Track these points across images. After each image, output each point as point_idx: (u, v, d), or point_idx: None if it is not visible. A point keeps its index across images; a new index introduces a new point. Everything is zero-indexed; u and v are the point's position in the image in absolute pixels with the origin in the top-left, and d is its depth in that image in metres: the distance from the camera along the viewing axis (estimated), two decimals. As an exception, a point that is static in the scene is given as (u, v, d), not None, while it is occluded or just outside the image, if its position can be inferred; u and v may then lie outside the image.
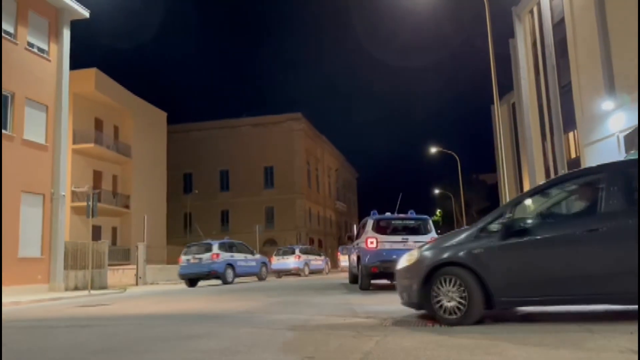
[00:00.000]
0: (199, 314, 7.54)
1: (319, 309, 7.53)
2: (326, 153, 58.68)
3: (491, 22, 15.90)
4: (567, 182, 6.12)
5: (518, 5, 34.00)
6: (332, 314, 6.82)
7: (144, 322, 6.74)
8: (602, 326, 4.78)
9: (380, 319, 5.92)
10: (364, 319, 6.06)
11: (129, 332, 5.77)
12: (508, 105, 45.10)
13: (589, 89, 25.60)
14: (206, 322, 6.37)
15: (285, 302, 9.06)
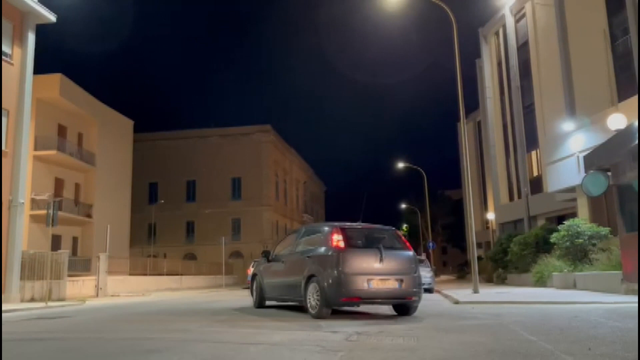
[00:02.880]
0: (159, 328, 7.36)
1: (282, 323, 7.46)
2: (294, 165, 58.67)
3: (458, 42, 16.31)
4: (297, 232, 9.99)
5: (484, 27, 35.02)
6: (296, 329, 6.77)
7: (101, 336, 6.54)
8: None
9: (346, 334, 5.91)
10: (329, 333, 6.04)
11: (83, 347, 5.59)
12: (474, 123, 46.19)
13: (551, 110, 26.47)
14: (168, 335, 6.23)
15: (244, 318, 8.95)
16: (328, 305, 7.84)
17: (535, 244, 20.06)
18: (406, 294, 8.03)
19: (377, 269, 7.89)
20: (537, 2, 28.16)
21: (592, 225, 16.56)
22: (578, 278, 14.65)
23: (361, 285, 7.71)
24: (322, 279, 7.83)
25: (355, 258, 7.90)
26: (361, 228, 8.85)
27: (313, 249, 8.52)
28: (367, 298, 7.82)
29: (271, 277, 9.87)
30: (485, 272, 25.77)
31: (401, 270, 8.09)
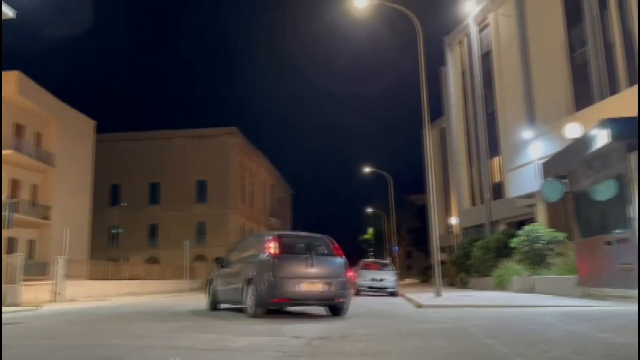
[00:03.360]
0: (116, 334, 7.17)
1: (245, 327, 7.39)
2: (261, 169, 58.39)
3: (424, 50, 16.57)
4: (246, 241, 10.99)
5: (449, 35, 35.73)
6: (259, 334, 6.71)
7: (54, 343, 6.33)
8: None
9: (308, 339, 5.89)
10: (290, 338, 6.01)
11: (34, 355, 5.39)
12: (439, 129, 46.98)
13: (512, 118, 27.19)
14: (126, 341, 6.07)
15: (205, 324, 8.82)
16: (261, 305, 8.73)
17: (497, 249, 20.55)
18: (334, 295, 8.89)
19: (307, 273, 8.74)
20: (499, 13, 28.92)
21: (549, 231, 17.08)
22: (537, 281, 15.07)
23: (291, 287, 8.59)
24: (258, 282, 8.71)
25: (287, 263, 8.77)
26: (297, 236, 9.98)
27: (254, 255, 9.42)
28: (296, 299, 8.76)
29: (222, 282, 10.66)
30: (449, 275, 26.22)
31: (330, 275, 8.90)
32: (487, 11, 30.33)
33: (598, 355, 4.49)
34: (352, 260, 12.99)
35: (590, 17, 21.62)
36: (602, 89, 20.76)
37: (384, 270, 21.16)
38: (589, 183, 12.20)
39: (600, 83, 20.97)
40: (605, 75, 20.90)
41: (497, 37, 29.53)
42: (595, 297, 11.41)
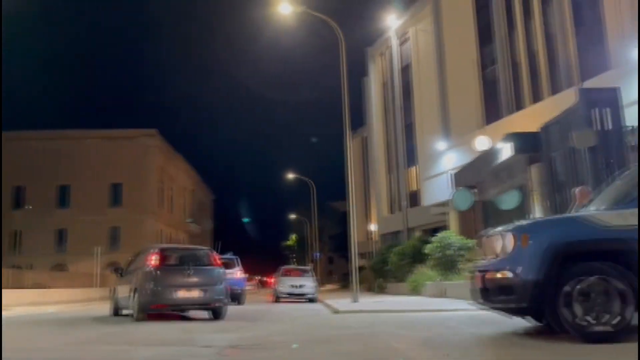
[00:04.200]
0: (16, 347, 6.62)
1: (153, 337, 7.09)
2: (182, 173, 56.74)
3: (346, 60, 16.89)
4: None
5: (372, 47, 36.76)
6: (168, 344, 6.46)
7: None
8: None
9: (219, 348, 5.76)
10: (201, 348, 5.85)
11: None
12: (361, 138, 48.08)
13: (428, 130, 28.39)
14: (28, 355, 5.61)
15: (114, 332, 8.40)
16: (143, 311, 9.69)
17: (412, 255, 21.25)
18: (210, 301, 9.94)
19: (184, 282, 9.83)
20: (419, 28, 30.18)
21: (461, 238, 17.92)
22: (448, 287, 15.74)
23: (169, 295, 9.66)
24: (140, 290, 9.69)
25: (165, 274, 9.85)
26: (178, 249, 11.61)
27: (140, 267, 10.41)
28: (174, 305, 9.95)
29: (120, 290, 11.47)
30: (367, 281, 26.78)
31: (206, 283, 9.97)
32: (407, 25, 31.53)
33: (502, 355, 4.74)
34: (273, 266, 13.26)
35: (500, 37, 23.09)
36: (509, 105, 22.21)
37: (304, 276, 21.24)
38: (495, 193, 12.99)
39: (507, 99, 22.42)
40: (512, 92, 22.39)
41: (416, 51, 30.78)
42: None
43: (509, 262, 4.98)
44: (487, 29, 24.01)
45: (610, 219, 4.88)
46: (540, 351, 4.77)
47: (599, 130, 9.01)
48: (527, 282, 4.77)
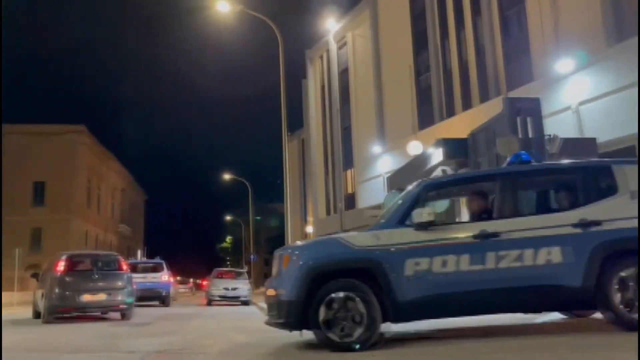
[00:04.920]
0: None
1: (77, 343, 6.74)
2: (112, 172, 54.52)
3: (285, 61, 16.85)
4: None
5: (311, 49, 36.95)
6: (92, 350, 6.16)
7: None
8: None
9: (143, 353, 5.54)
10: (125, 354, 5.61)
11: None
12: (299, 140, 48.19)
13: (365, 133, 28.88)
14: None
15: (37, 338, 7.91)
16: (50, 313, 10.38)
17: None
18: (115, 303, 10.80)
19: (89, 286, 10.62)
20: (356, 33, 30.66)
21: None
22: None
23: (74, 298, 10.38)
24: (48, 295, 10.39)
25: (71, 279, 10.60)
26: (87, 255, 12.33)
27: (49, 272, 11.03)
28: (79, 308, 10.57)
29: (37, 294, 11.80)
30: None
31: (111, 287, 10.79)
32: (345, 30, 31.94)
33: (445, 355, 4.82)
34: (209, 269, 13.49)
35: (434, 45, 23.88)
36: (441, 112, 22.99)
37: (238, 279, 20.99)
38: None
39: (440, 106, 23.21)
40: (444, 99, 23.20)
41: (353, 55, 31.24)
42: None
43: (276, 280, 5.45)
44: (422, 36, 24.75)
45: (364, 239, 5.29)
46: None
47: (522, 137, 9.48)
48: (286, 300, 5.14)
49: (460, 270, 5.10)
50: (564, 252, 5.10)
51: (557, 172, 6.00)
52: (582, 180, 5.55)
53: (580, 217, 5.20)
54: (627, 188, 5.35)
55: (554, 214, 5.43)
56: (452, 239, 5.23)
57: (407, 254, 5.13)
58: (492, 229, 5.20)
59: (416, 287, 5.07)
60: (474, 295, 5.11)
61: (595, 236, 5.13)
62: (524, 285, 5.09)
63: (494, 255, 5.12)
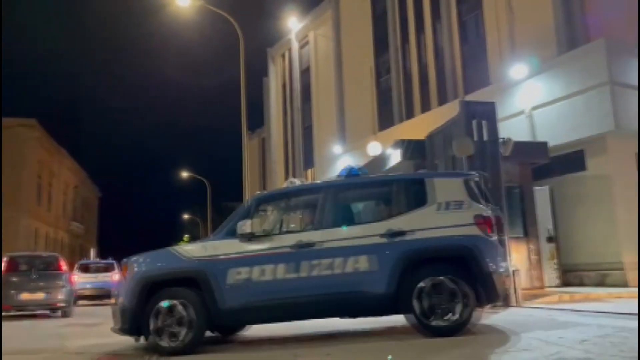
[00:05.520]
0: None
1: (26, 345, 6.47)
2: (64, 168, 52.65)
3: (245, 58, 16.71)
4: None
5: (273, 48, 36.76)
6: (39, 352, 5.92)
7: None
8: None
9: (93, 355, 5.37)
10: (73, 355, 5.43)
11: None
12: (260, 138, 47.87)
13: (325, 133, 28.95)
14: None
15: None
16: None
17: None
18: (53, 302, 11.68)
19: (28, 285, 11.52)
20: (318, 33, 30.70)
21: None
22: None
23: (13, 297, 11.27)
24: None
25: (11, 278, 11.44)
26: (28, 256, 12.95)
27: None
28: (18, 306, 11.47)
29: None
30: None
31: (50, 286, 11.67)
32: (307, 29, 31.93)
33: (380, 355, 4.86)
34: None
35: (395, 47, 24.17)
36: (401, 113, 23.30)
37: None
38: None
39: (400, 108, 23.52)
40: (404, 101, 23.52)
41: (315, 55, 31.27)
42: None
43: (117, 288, 5.94)
44: (383, 38, 25.01)
45: (194, 250, 5.74)
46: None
47: (477, 140, 9.71)
48: (124, 307, 5.54)
49: (277, 279, 5.44)
50: (370, 260, 5.43)
51: (375, 185, 6.35)
52: (396, 192, 5.92)
53: (388, 228, 5.53)
54: (435, 200, 5.69)
55: (366, 225, 5.80)
56: (271, 249, 5.56)
57: (229, 264, 5.48)
58: (307, 239, 5.55)
59: (237, 295, 5.40)
60: (290, 302, 5.45)
61: (398, 246, 5.45)
62: (335, 292, 5.42)
63: (308, 264, 5.46)
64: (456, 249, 5.50)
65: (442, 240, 5.50)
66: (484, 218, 5.59)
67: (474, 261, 5.42)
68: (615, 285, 11.53)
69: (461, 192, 5.73)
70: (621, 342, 4.81)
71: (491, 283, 5.43)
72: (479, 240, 5.48)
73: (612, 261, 12.01)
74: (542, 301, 9.46)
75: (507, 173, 10.90)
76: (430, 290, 5.33)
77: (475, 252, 5.43)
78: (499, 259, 5.64)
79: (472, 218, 5.55)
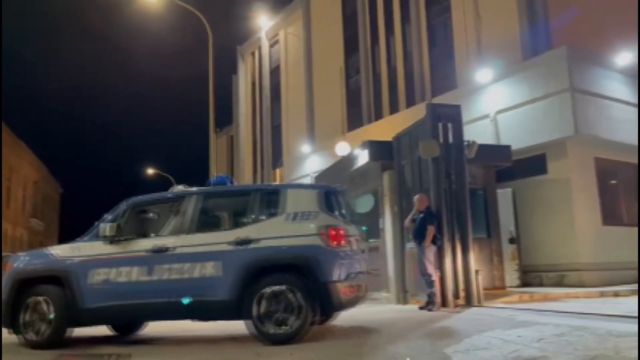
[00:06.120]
0: None
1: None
2: (24, 162, 51.01)
3: (214, 55, 16.55)
4: None
5: (243, 45, 36.49)
6: None
7: None
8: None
9: (53, 353, 5.21)
10: (31, 356, 5.25)
11: None
12: (228, 136, 47.42)
13: (294, 133, 28.91)
14: None
15: None
16: None
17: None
18: None
19: None
20: (289, 32, 30.63)
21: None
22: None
23: None
24: None
25: None
26: None
27: None
28: None
29: None
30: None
31: None
32: (278, 28, 31.81)
33: (339, 354, 4.89)
34: None
35: (364, 49, 24.32)
36: (369, 114, 23.47)
37: None
38: (351, 196, 13.60)
39: (368, 108, 23.68)
40: (372, 102, 23.70)
41: (285, 54, 31.17)
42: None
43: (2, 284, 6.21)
44: (354, 39, 25.13)
45: (65, 250, 6.13)
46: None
47: (443, 142, 9.85)
48: (3, 302, 5.93)
49: (132, 282, 5.75)
50: (216, 267, 5.67)
51: (235, 194, 6.63)
52: (252, 202, 6.12)
53: (237, 236, 5.75)
54: (285, 210, 5.90)
55: (219, 232, 6.02)
56: (128, 252, 5.86)
57: (91, 265, 5.83)
58: (162, 244, 5.84)
59: (96, 295, 5.73)
60: (144, 304, 5.72)
61: (242, 254, 5.65)
62: (185, 295, 5.68)
63: (161, 268, 5.74)
64: (294, 258, 5.59)
65: (282, 250, 5.62)
66: (328, 229, 5.69)
67: (310, 271, 5.51)
68: (572, 286, 11.89)
69: (313, 204, 5.89)
70: (576, 340, 4.97)
71: (327, 294, 5.50)
72: (318, 251, 5.57)
73: (570, 262, 12.39)
74: (503, 301, 9.68)
75: (472, 175, 11.10)
76: (270, 298, 5.45)
77: (312, 262, 5.52)
78: (340, 270, 5.66)
79: (316, 229, 5.67)
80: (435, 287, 8.96)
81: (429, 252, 9.12)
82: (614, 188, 13.90)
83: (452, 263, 9.35)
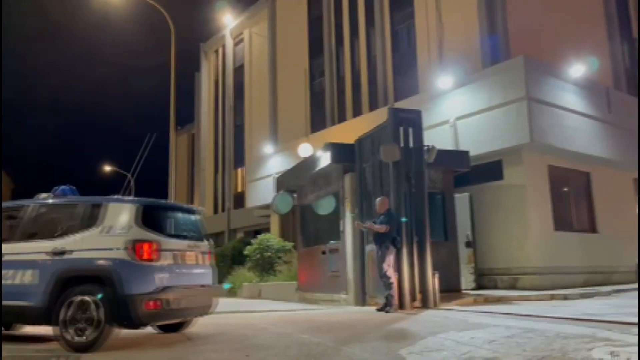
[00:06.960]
0: None
1: None
2: (-27, 156, 48.79)
3: (176, 51, 16.24)
4: None
5: (206, 43, 36.03)
6: None
7: None
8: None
9: None
10: None
11: None
12: (189, 135, 46.66)
13: (257, 133, 28.74)
14: None
15: None
16: None
17: (232, 256, 21.18)
18: None
19: None
20: (254, 32, 30.44)
21: (279, 240, 18.41)
22: (262, 288, 16.03)
23: None
24: None
25: None
26: None
27: None
28: None
29: None
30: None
31: None
32: (243, 27, 31.57)
33: (294, 355, 4.89)
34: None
35: (329, 51, 24.43)
36: (333, 116, 23.57)
37: None
38: (313, 198, 13.61)
39: (332, 111, 23.78)
40: (336, 104, 23.81)
41: (250, 53, 30.97)
42: (309, 301, 12.68)
43: None
44: (318, 41, 25.20)
45: None
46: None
47: (403, 146, 9.99)
48: None
49: None
50: (34, 275, 6.05)
51: (66, 205, 6.79)
52: (77, 213, 6.42)
53: (55, 246, 6.10)
54: (102, 223, 6.17)
55: (43, 242, 6.28)
56: None
57: None
58: None
59: None
60: None
61: (55, 264, 6.01)
62: (6, 300, 6.00)
63: None
64: (98, 270, 5.84)
65: (89, 262, 5.91)
66: (135, 243, 5.90)
67: (112, 284, 5.72)
68: (525, 289, 12.27)
69: (130, 218, 6.11)
70: (525, 342, 5.12)
71: (125, 307, 5.68)
72: (122, 265, 5.78)
73: (523, 266, 12.78)
74: (458, 303, 9.89)
75: (431, 179, 11.29)
76: (75, 307, 5.71)
77: (114, 275, 5.73)
78: (144, 284, 5.85)
79: (123, 243, 5.89)
80: (393, 289, 9.07)
81: (389, 254, 9.23)
82: (565, 195, 14.43)
83: (410, 266, 9.49)
